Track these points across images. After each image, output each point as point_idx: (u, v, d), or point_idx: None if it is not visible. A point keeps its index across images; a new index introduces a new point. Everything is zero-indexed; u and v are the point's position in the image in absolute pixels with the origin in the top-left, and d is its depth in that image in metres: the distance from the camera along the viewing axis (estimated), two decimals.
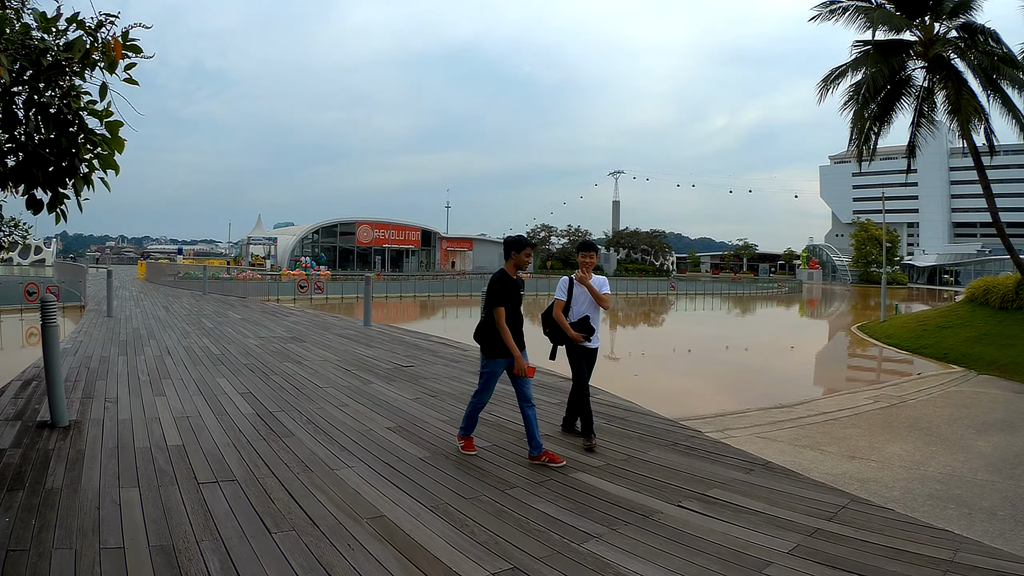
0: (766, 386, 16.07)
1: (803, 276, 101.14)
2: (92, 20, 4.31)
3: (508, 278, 6.30)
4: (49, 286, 25.24)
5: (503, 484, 5.62)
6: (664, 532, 4.66)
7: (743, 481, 5.85)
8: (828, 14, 24.09)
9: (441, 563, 4.10)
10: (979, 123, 22.79)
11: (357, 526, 4.61)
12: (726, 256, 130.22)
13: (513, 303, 6.29)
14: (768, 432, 9.62)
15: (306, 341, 14.62)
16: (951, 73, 22.49)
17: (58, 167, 4.65)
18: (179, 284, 40.27)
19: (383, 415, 7.93)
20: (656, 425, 7.88)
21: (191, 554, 4.05)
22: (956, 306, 25.08)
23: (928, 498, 7.10)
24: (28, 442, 6.35)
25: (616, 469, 6.11)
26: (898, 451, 8.93)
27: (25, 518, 4.51)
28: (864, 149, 24.75)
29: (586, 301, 7.26)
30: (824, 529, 4.72)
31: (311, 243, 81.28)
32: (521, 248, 6.38)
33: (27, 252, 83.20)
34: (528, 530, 4.65)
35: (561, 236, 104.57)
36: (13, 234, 10.39)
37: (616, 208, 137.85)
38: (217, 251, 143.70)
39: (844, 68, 24.57)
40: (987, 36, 21.99)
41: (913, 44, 23.44)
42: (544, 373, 10.85)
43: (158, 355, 12.07)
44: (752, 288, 73.65)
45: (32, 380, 9.29)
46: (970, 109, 21.87)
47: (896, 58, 23.27)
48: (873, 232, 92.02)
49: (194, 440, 6.61)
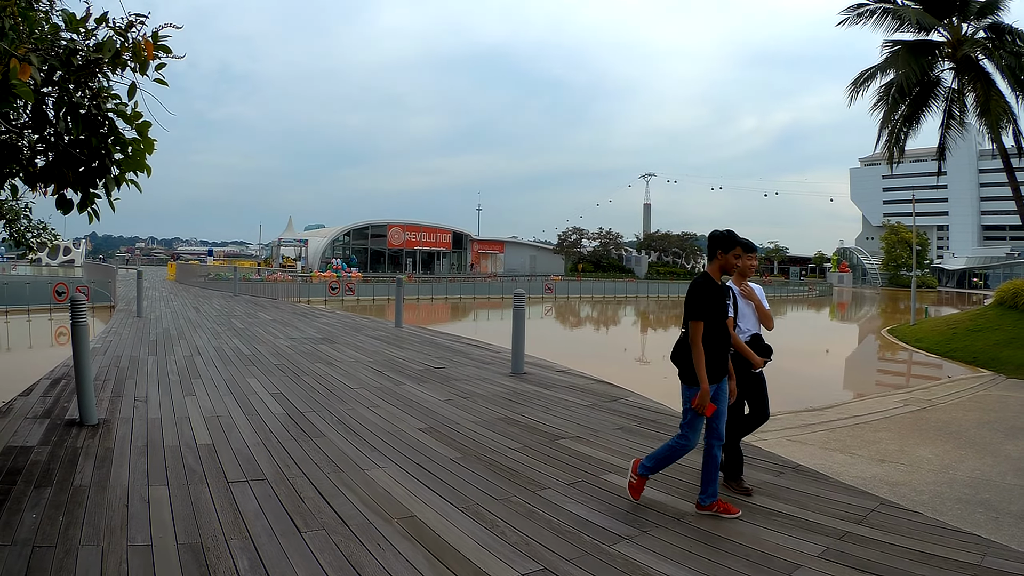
0: (797, 389, 15.99)
1: (833, 279, 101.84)
2: (122, 20, 4.37)
3: (712, 284, 5.19)
4: (79, 286, 25.69)
5: (534, 485, 5.65)
6: (694, 534, 4.69)
7: (773, 484, 5.87)
8: (856, 18, 24.16)
9: (471, 563, 4.14)
10: (1008, 124, 22.65)
11: (387, 526, 4.67)
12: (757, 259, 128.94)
13: (717, 316, 5.16)
14: (798, 435, 9.63)
15: (337, 342, 14.76)
16: (979, 74, 22.40)
17: (88, 167, 4.74)
18: (209, 285, 40.84)
19: (414, 416, 7.99)
20: None
21: (220, 552, 4.12)
22: (985, 309, 24.86)
23: (956, 502, 7.05)
24: (56, 440, 6.50)
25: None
26: (927, 455, 8.90)
27: (52, 515, 4.62)
28: (894, 151, 24.78)
29: (753, 316, 6.26)
30: (853, 532, 4.73)
31: (342, 245, 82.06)
32: (730, 246, 5.28)
33: (56, 253, 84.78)
34: (559, 531, 4.68)
35: (592, 239, 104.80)
36: (41, 236, 10.57)
37: (647, 211, 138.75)
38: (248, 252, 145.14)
39: (874, 70, 24.58)
40: (1015, 36, 21.92)
41: (941, 45, 23.38)
42: (574, 375, 10.85)
43: (188, 355, 12.25)
44: (783, 291, 73.71)
45: (61, 379, 9.49)
46: (999, 110, 21.83)
47: (925, 59, 23.22)
48: (903, 235, 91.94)
49: (224, 439, 6.72)
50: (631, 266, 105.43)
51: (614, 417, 8.20)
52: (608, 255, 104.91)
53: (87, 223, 4.99)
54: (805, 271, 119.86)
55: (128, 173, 4.91)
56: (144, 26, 4.40)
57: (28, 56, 3.69)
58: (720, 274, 5.31)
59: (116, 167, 4.83)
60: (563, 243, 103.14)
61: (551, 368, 11.74)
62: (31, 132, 4.85)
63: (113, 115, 4.69)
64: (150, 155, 4.89)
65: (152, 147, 4.87)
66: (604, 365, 17.12)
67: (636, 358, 23.36)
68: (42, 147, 4.84)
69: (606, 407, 8.74)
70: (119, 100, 4.70)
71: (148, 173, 5.00)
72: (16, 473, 5.47)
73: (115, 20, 4.40)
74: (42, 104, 4.56)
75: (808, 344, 29.10)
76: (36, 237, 10.46)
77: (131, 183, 4.99)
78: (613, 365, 19.24)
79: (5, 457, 5.88)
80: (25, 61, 3.62)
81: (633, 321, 40.23)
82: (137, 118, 4.73)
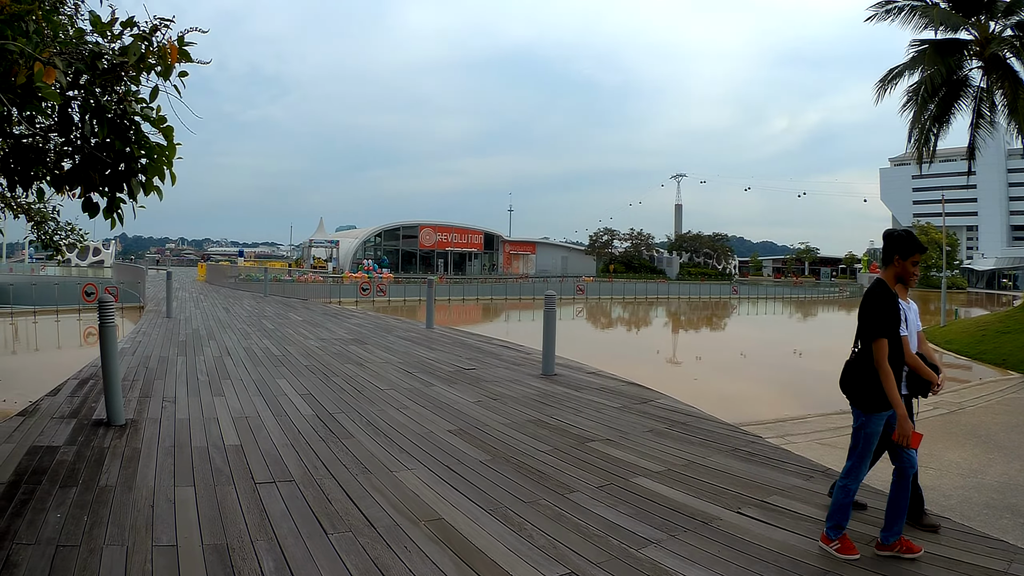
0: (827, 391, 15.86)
1: (864, 280, 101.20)
2: (146, 24, 4.40)
3: (890, 293, 4.64)
4: (108, 287, 25.98)
5: (563, 488, 5.66)
6: (722, 539, 4.68)
7: (802, 488, 5.85)
8: (884, 14, 23.98)
9: (498, 566, 4.16)
10: None
11: (415, 528, 4.69)
12: (788, 260, 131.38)
13: (897, 331, 4.63)
14: (829, 438, 9.60)
15: (368, 343, 14.84)
16: (1007, 73, 22.11)
17: (115, 170, 4.78)
18: (240, 286, 41.27)
19: (444, 418, 8.03)
20: (717, 430, 7.84)
21: (245, 553, 4.16)
22: (1015, 311, 24.59)
23: (984, 507, 6.96)
24: (83, 440, 6.61)
25: (676, 474, 6.12)
26: (956, 459, 8.84)
27: (77, 515, 4.71)
28: (924, 151, 24.62)
29: (916, 329, 5.56)
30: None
31: (373, 246, 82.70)
32: (909, 250, 4.76)
33: (85, 254, 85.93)
34: (587, 535, 4.69)
35: (624, 239, 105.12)
36: (70, 237, 10.71)
37: (678, 211, 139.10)
38: (279, 253, 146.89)
39: (901, 68, 24.45)
40: None
41: (969, 44, 23.18)
42: (604, 376, 10.81)
43: (218, 356, 12.40)
44: (813, 292, 74.08)
45: (89, 379, 9.64)
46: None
47: (953, 58, 23.03)
48: (933, 235, 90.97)
49: (252, 440, 6.79)
50: (662, 267, 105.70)
51: (644, 419, 8.19)
52: (639, 256, 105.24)
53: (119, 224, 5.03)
54: (836, 272, 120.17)
55: (153, 178, 4.95)
56: (169, 30, 4.44)
57: (53, 59, 3.73)
58: (895, 282, 4.78)
59: (142, 172, 4.88)
60: (594, 244, 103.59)
61: (582, 370, 11.75)
62: (57, 135, 4.91)
63: (139, 119, 4.73)
64: (174, 160, 4.92)
65: (175, 151, 4.91)
66: (635, 366, 17.13)
67: (667, 359, 23.30)
68: (68, 150, 4.90)
69: (636, 409, 8.73)
70: (145, 103, 4.74)
71: (173, 181, 5.02)
72: (41, 473, 5.57)
73: (140, 24, 4.44)
74: (68, 107, 4.61)
75: (839, 346, 28.64)
76: (64, 239, 10.60)
77: (156, 189, 5.03)
78: (644, 366, 19.24)
79: (31, 457, 5.99)
80: (50, 64, 3.66)
81: (664, 322, 40.06)
82: (162, 122, 4.77)
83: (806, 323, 43.55)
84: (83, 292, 25.83)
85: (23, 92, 3.81)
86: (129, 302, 26.87)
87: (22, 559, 3.98)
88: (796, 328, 39.90)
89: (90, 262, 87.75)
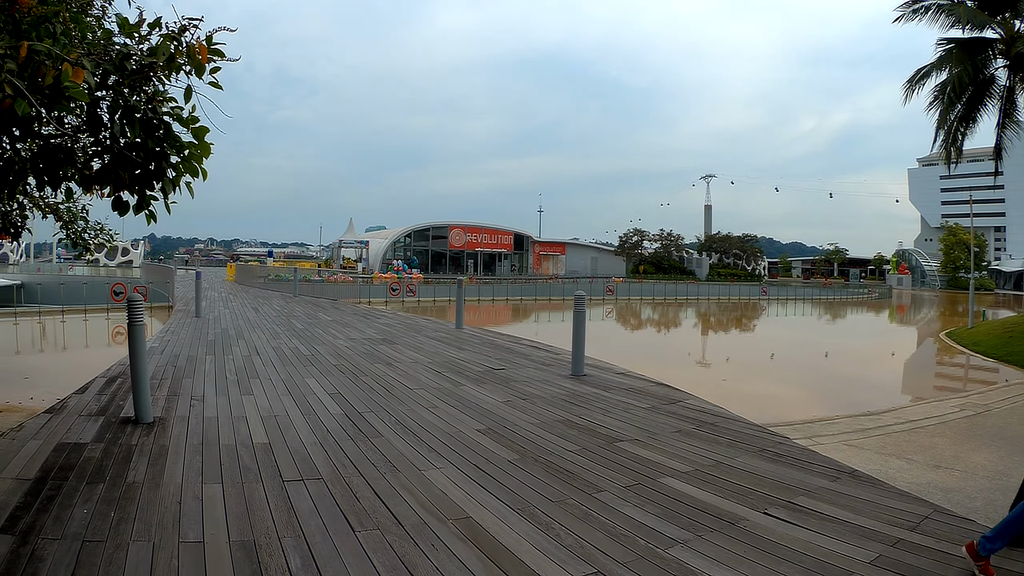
0: (856, 393, 16.42)
1: (892, 281, 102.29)
2: (174, 25, 4.48)
3: None
4: (136, 286, 26.28)
5: (591, 488, 5.69)
6: (749, 539, 4.70)
7: (829, 489, 5.83)
8: (911, 14, 24.13)
9: (525, 565, 4.20)
10: None
11: (442, 526, 4.74)
12: (817, 261, 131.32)
13: None
14: (855, 440, 9.62)
15: (397, 343, 14.94)
16: None
17: (145, 170, 4.86)
18: (269, 286, 41.64)
19: (473, 417, 8.08)
20: (744, 431, 7.83)
21: (272, 550, 4.23)
22: None
23: (1009, 510, 6.91)
24: (111, 437, 6.73)
25: (704, 475, 6.12)
26: (982, 461, 8.82)
27: (104, 510, 4.81)
28: (951, 151, 24.79)
29: None
30: (907, 540, 4.71)
31: (403, 246, 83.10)
32: None
33: (114, 254, 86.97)
34: (614, 534, 4.72)
35: (654, 240, 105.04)
36: (99, 236, 10.85)
37: (708, 212, 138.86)
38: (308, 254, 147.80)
39: (928, 68, 24.57)
40: None
41: (995, 42, 23.15)
42: (633, 377, 10.80)
43: (247, 355, 12.55)
44: (842, 293, 74.70)
45: (117, 377, 9.80)
46: None
47: (979, 57, 23.10)
48: (961, 236, 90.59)
49: (281, 439, 6.88)
50: (692, 268, 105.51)
51: (673, 420, 8.20)
52: (669, 257, 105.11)
53: (145, 224, 5.15)
54: (865, 273, 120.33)
55: (184, 176, 5.03)
56: (198, 30, 4.52)
57: (81, 60, 3.81)
58: None
59: (172, 170, 4.96)
60: (624, 245, 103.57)
61: (611, 370, 11.76)
62: (86, 135, 4.99)
63: (169, 118, 4.81)
64: (206, 159, 5.01)
65: (208, 151, 5.00)
66: (664, 367, 17.27)
67: (696, 360, 23.35)
68: (97, 150, 4.99)
69: (665, 410, 8.74)
70: (175, 103, 4.82)
71: (204, 177, 5.12)
72: (68, 469, 5.69)
73: (168, 24, 4.52)
74: (96, 107, 4.70)
75: (868, 347, 29.47)
76: (94, 238, 10.74)
77: (187, 186, 5.12)
78: (673, 367, 19.38)
79: (57, 453, 6.11)
80: (78, 65, 3.74)
81: (693, 323, 40.06)
82: (194, 122, 4.86)
83: (835, 325, 43.66)
84: (112, 291, 26.21)
85: (51, 93, 3.89)
86: (158, 302, 27.22)
87: (47, 554, 4.07)
88: (824, 329, 39.99)
89: (118, 262, 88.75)
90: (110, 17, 5.38)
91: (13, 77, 3.62)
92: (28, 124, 4.37)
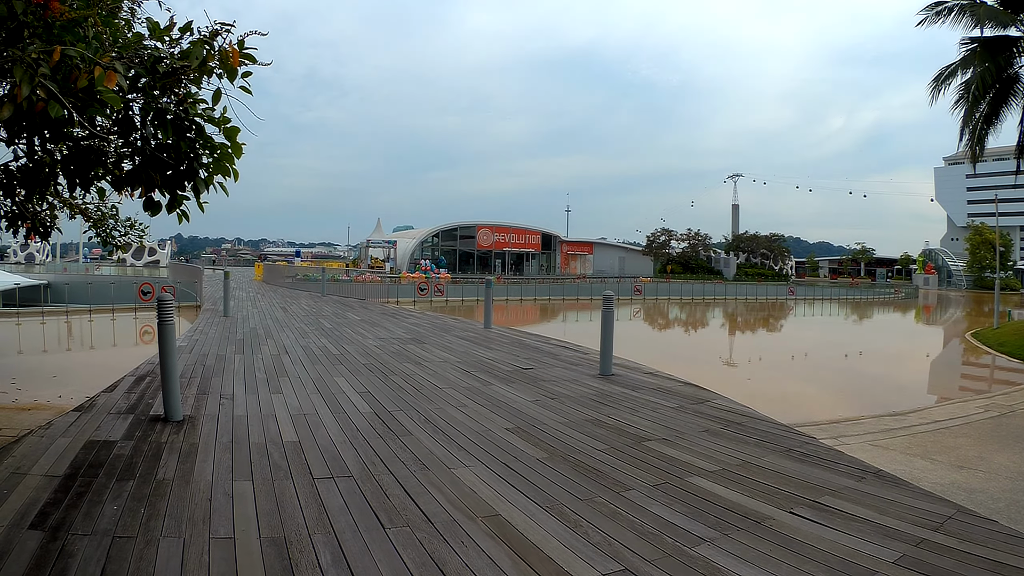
0: (882, 393, 16.69)
1: (919, 281, 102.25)
2: (207, 29, 4.57)
3: None
4: (164, 286, 26.56)
5: (619, 486, 5.73)
6: (774, 538, 4.72)
7: (854, 489, 5.83)
8: (935, 16, 24.14)
9: (553, 562, 4.25)
10: None
11: (472, 524, 4.81)
12: (844, 261, 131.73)
13: None
14: (881, 440, 9.73)
15: (426, 343, 15.03)
16: None
17: (176, 170, 4.97)
18: (297, 286, 41.91)
19: (502, 416, 8.14)
20: (771, 431, 7.84)
21: (302, 546, 4.31)
22: None
23: None
24: (140, 435, 6.86)
25: (731, 474, 6.15)
26: (1005, 462, 8.89)
27: (134, 507, 4.91)
28: (976, 150, 24.80)
29: None
30: (930, 540, 4.72)
31: (431, 246, 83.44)
32: None
33: (141, 253, 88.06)
34: (641, 532, 4.76)
35: (681, 240, 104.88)
36: (129, 234, 10.99)
37: (735, 212, 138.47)
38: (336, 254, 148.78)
39: (953, 67, 24.60)
40: None
41: (1019, 41, 23.18)
42: (662, 376, 10.81)
43: (275, 354, 12.69)
44: (869, 293, 74.89)
45: (146, 376, 9.97)
46: None
47: (1002, 55, 23.10)
48: (987, 236, 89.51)
49: (310, 437, 6.98)
50: (720, 268, 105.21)
51: (700, 419, 8.22)
52: (697, 256, 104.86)
53: (175, 224, 5.30)
54: (891, 273, 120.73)
55: (216, 177, 5.14)
56: (230, 34, 4.61)
57: (113, 64, 3.91)
58: None
59: (204, 170, 5.06)
60: (652, 244, 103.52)
61: (639, 370, 11.78)
62: (117, 137, 5.11)
63: (200, 120, 4.92)
64: (238, 159, 5.11)
65: (240, 151, 5.11)
66: (691, 367, 17.38)
67: (723, 360, 23.39)
68: (128, 151, 5.10)
69: (693, 409, 8.76)
70: (206, 105, 4.93)
71: (236, 178, 5.23)
72: (98, 466, 5.81)
73: (200, 29, 4.62)
74: (128, 110, 4.81)
75: (893, 348, 29.69)
76: (124, 235, 10.88)
77: (220, 186, 5.23)
78: (700, 367, 19.49)
79: (87, 451, 6.24)
80: (110, 69, 3.84)
81: (721, 323, 40.04)
82: (225, 123, 4.97)
83: (861, 325, 43.69)
84: (139, 291, 26.51)
85: (84, 96, 4.00)
86: (186, 301, 27.46)
87: (77, 549, 4.17)
88: (851, 330, 39.99)
89: (145, 262, 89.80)
90: (139, 19, 5.49)
91: (47, 81, 3.73)
92: (59, 126, 4.47)
